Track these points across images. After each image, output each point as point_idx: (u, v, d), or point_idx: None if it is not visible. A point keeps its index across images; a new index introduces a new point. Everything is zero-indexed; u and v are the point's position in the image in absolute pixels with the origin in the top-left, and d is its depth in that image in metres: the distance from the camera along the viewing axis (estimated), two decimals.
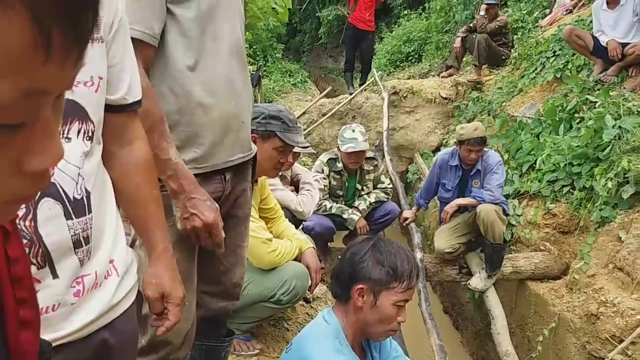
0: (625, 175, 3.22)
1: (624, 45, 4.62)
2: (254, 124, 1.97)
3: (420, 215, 4.99)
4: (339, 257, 1.67)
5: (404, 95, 6.98)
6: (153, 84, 1.26)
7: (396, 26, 12.61)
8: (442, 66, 8.10)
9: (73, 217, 0.84)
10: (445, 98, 6.84)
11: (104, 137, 0.97)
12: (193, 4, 1.28)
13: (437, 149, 6.43)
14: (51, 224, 0.81)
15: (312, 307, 2.96)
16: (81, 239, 0.85)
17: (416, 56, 10.77)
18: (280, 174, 2.96)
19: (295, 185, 3.04)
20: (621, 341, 2.73)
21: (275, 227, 2.30)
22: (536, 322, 3.44)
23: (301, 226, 3.30)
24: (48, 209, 0.80)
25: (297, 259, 2.19)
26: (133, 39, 1.03)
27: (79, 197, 0.86)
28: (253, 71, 8.98)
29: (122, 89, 0.97)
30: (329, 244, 3.73)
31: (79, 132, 0.86)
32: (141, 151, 1.04)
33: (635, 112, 3.70)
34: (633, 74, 4.57)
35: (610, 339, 2.79)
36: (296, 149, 2.15)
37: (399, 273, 1.48)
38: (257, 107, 2.04)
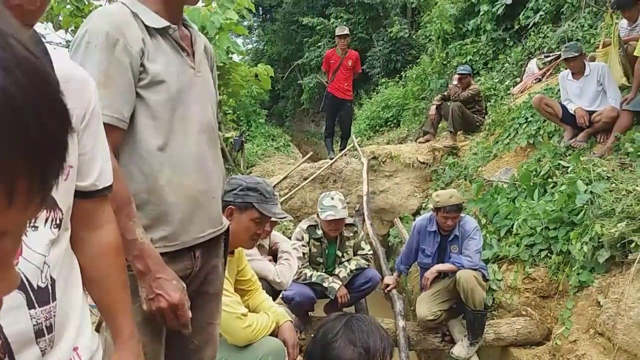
0: (600, 240, 3.27)
1: (590, 112, 4.84)
2: (231, 195, 1.99)
3: (403, 280, 4.96)
4: (312, 335, 1.64)
5: (383, 160, 7.12)
6: (122, 164, 1.28)
7: (375, 93, 13.09)
8: (419, 132, 8.34)
9: (36, 306, 0.83)
10: (423, 163, 7.00)
11: (73, 222, 0.97)
12: (163, 88, 1.33)
13: (417, 212, 6.50)
14: (12, 314, 0.79)
15: None
16: (44, 327, 0.84)
17: (394, 121, 11.11)
18: (258, 243, 2.96)
19: (273, 254, 3.02)
20: None
21: (252, 299, 2.27)
22: None
23: (281, 295, 3.25)
24: (10, 299, 0.80)
25: (274, 333, 2.15)
26: (103, 123, 1.06)
27: (43, 285, 0.85)
28: (236, 136, 9.15)
29: (93, 176, 0.98)
30: (309, 313, 3.66)
31: (46, 220, 0.87)
32: (110, 236, 1.05)
33: (605, 178, 3.81)
34: (601, 140, 4.75)
35: None
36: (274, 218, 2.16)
37: (371, 353, 1.45)
38: (234, 179, 2.07)
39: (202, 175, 1.43)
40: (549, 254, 3.76)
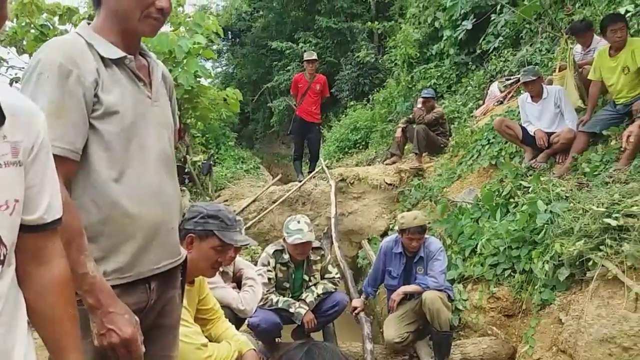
0: (560, 258, 3.35)
1: (549, 134, 5.01)
2: (192, 223, 1.97)
3: (371, 302, 4.96)
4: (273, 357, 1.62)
5: (351, 181, 7.18)
6: (74, 196, 1.26)
7: (344, 116, 13.24)
8: (386, 153, 8.46)
9: None
10: (390, 184, 7.08)
11: (21, 256, 0.95)
12: (116, 119, 1.33)
13: (385, 233, 6.54)
14: None
15: None
16: None
17: (363, 143, 11.25)
18: (221, 269, 2.93)
19: (238, 281, 2.99)
20: None
21: (215, 328, 2.23)
22: None
23: (246, 323, 3.21)
24: None
25: None
26: (54, 155, 1.05)
27: None
28: (204, 160, 9.08)
29: (41, 209, 0.97)
30: (277, 339, 3.62)
31: None
32: (59, 270, 1.03)
33: (564, 197, 3.93)
34: (560, 161, 4.92)
35: None
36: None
37: None
38: (195, 207, 2.06)
39: (160, 206, 1.42)
40: (512, 273, 3.83)
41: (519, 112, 5.47)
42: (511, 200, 4.57)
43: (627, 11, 5.12)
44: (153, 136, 1.42)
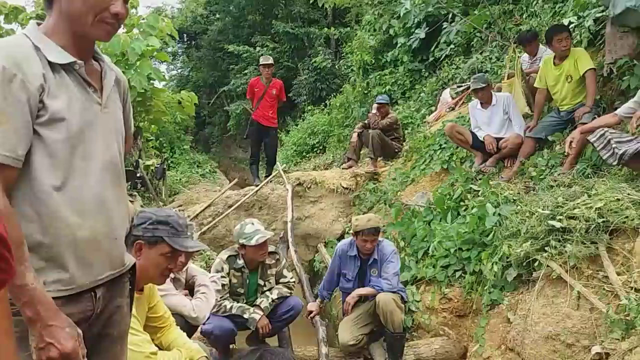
0: (508, 259, 3.47)
1: (498, 139, 5.19)
2: (140, 229, 1.93)
3: (327, 306, 4.98)
4: None
5: (308, 186, 7.20)
6: (15, 204, 1.21)
7: (301, 120, 13.28)
8: (343, 158, 8.53)
9: None
10: (346, 188, 7.14)
11: None
12: (62, 126, 1.28)
13: (342, 237, 6.59)
14: None
15: None
16: None
17: (320, 147, 11.31)
18: (174, 276, 2.87)
19: (190, 288, 2.93)
20: None
21: (165, 336, 2.18)
22: None
23: (199, 330, 3.15)
24: None
25: None
26: None
27: None
28: (158, 164, 8.89)
29: None
30: (231, 346, 3.56)
31: None
32: None
33: (511, 200, 4.08)
34: (508, 165, 5.10)
35: None
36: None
37: None
38: (143, 213, 2.01)
39: (103, 216, 1.38)
40: (463, 274, 3.94)
41: (469, 118, 5.64)
42: (462, 203, 4.70)
43: (570, 22, 5.37)
44: (100, 144, 1.38)
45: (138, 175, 7.53)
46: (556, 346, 2.88)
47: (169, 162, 12.17)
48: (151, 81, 7.21)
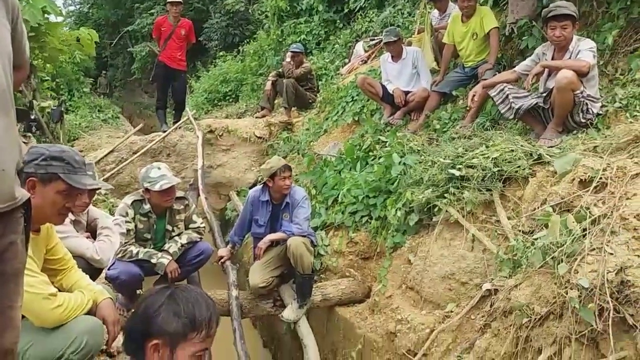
0: (410, 205, 3.66)
1: (406, 93, 5.36)
2: (33, 166, 1.79)
3: (238, 252, 5.01)
4: (132, 310, 1.56)
5: (220, 133, 7.04)
6: None
7: (213, 66, 12.78)
8: (257, 107, 8.40)
9: None
10: (260, 137, 7.08)
11: None
12: None
13: (254, 186, 6.57)
14: None
15: None
16: None
17: (233, 96, 11.01)
18: (74, 218, 2.72)
19: (92, 231, 2.79)
20: (415, 355, 3.02)
21: (66, 279, 2.08)
22: (346, 346, 3.66)
23: (104, 275, 3.04)
24: None
25: (93, 312, 2.00)
26: None
27: None
28: (54, 106, 8.18)
29: None
30: (138, 291, 3.49)
31: None
32: None
33: (416, 151, 4.27)
34: (414, 118, 5.31)
35: (406, 353, 3.08)
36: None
37: (197, 323, 1.44)
38: (35, 148, 1.86)
39: None
40: (369, 220, 4.11)
41: (380, 72, 5.74)
42: (370, 153, 4.85)
43: None
44: None
45: (32, 117, 6.89)
46: (451, 285, 3.13)
47: (67, 105, 11.26)
48: (46, 15, 6.53)
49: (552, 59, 3.63)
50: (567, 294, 2.24)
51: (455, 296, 3.08)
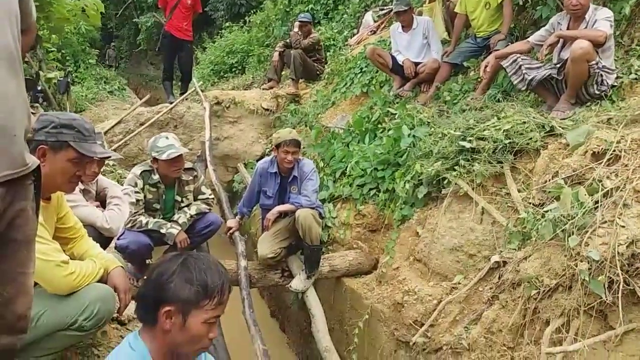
0: (419, 178, 3.64)
1: (417, 64, 5.27)
2: (43, 134, 1.78)
3: (246, 223, 5.03)
4: (144, 277, 1.57)
5: (227, 105, 7.00)
6: None
7: (219, 37, 12.63)
8: (264, 78, 8.32)
9: None
10: (267, 109, 7.04)
11: None
12: None
13: (262, 158, 6.57)
14: None
15: (127, 329, 2.74)
16: None
17: (240, 67, 10.91)
18: (83, 187, 2.72)
19: (101, 200, 2.80)
20: (422, 325, 3.05)
21: (77, 247, 2.09)
22: (353, 316, 3.70)
23: (113, 245, 3.06)
24: None
25: (104, 280, 2.02)
26: None
27: None
28: (61, 77, 8.16)
29: None
30: (147, 261, 3.52)
31: None
32: None
33: (426, 123, 4.22)
34: (424, 90, 5.24)
35: (413, 324, 3.11)
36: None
37: (209, 290, 1.45)
38: (45, 116, 1.84)
39: (2, 109, 1.23)
40: (377, 193, 4.10)
41: (390, 42, 5.64)
42: (379, 126, 4.81)
43: None
44: None
45: (39, 88, 6.88)
46: (459, 257, 3.13)
47: (73, 76, 11.22)
48: None
49: (568, 28, 3.55)
50: (576, 266, 2.24)
51: (463, 268, 3.08)
